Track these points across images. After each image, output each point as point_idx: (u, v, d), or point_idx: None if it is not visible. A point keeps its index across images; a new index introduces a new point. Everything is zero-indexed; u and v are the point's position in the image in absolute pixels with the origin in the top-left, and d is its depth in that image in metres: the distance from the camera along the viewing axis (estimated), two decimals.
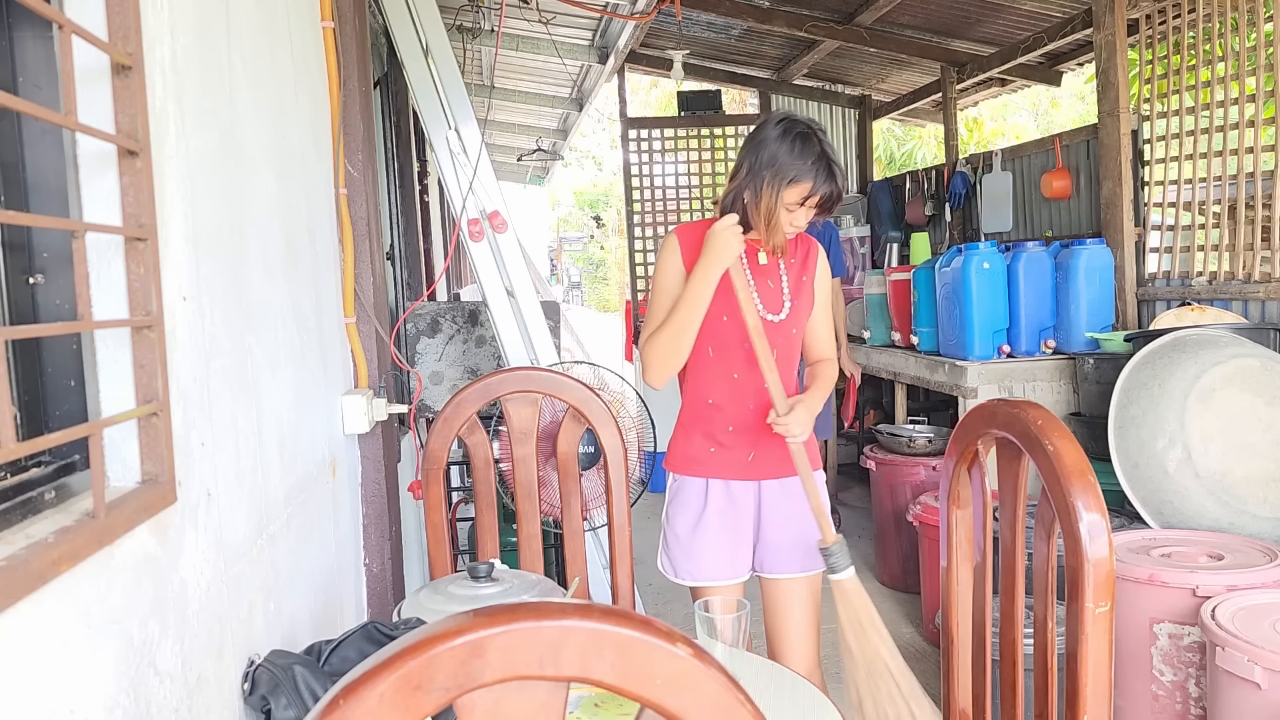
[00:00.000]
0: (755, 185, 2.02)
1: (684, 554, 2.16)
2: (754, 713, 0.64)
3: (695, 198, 7.06)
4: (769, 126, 2.04)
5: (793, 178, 1.98)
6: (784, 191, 1.99)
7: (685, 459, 2.18)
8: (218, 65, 1.38)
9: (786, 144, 1.99)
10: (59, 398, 1.04)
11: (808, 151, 1.99)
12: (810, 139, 2.00)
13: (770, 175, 2.00)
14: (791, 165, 1.98)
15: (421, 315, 3.16)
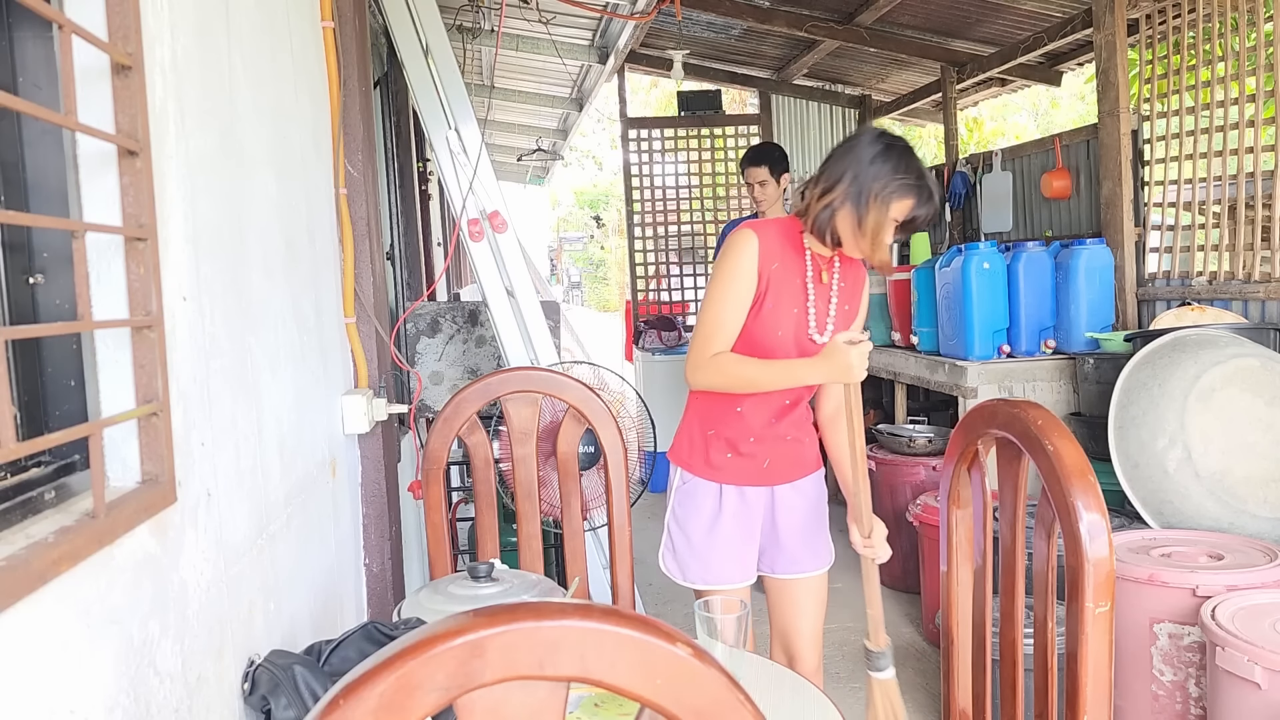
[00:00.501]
0: (859, 201, 1.92)
1: (695, 558, 2.13)
2: (754, 713, 0.64)
3: (695, 198, 7.06)
4: (867, 142, 1.96)
5: (900, 195, 1.91)
6: (895, 205, 1.91)
7: (701, 462, 2.13)
8: (218, 65, 1.38)
9: (893, 160, 1.92)
10: (59, 398, 1.04)
11: (912, 169, 1.92)
12: (913, 157, 1.95)
13: (878, 191, 1.91)
14: (896, 181, 1.90)
15: (421, 315, 3.16)
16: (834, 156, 1.99)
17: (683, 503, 2.16)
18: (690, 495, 2.14)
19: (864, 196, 1.92)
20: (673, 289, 7.09)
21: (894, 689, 1.98)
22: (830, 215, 1.96)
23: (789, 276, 2.02)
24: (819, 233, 1.99)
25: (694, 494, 2.14)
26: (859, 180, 1.92)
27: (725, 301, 2.00)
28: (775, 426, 2.11)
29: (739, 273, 1.99)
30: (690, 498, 2.14)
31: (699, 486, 2.13)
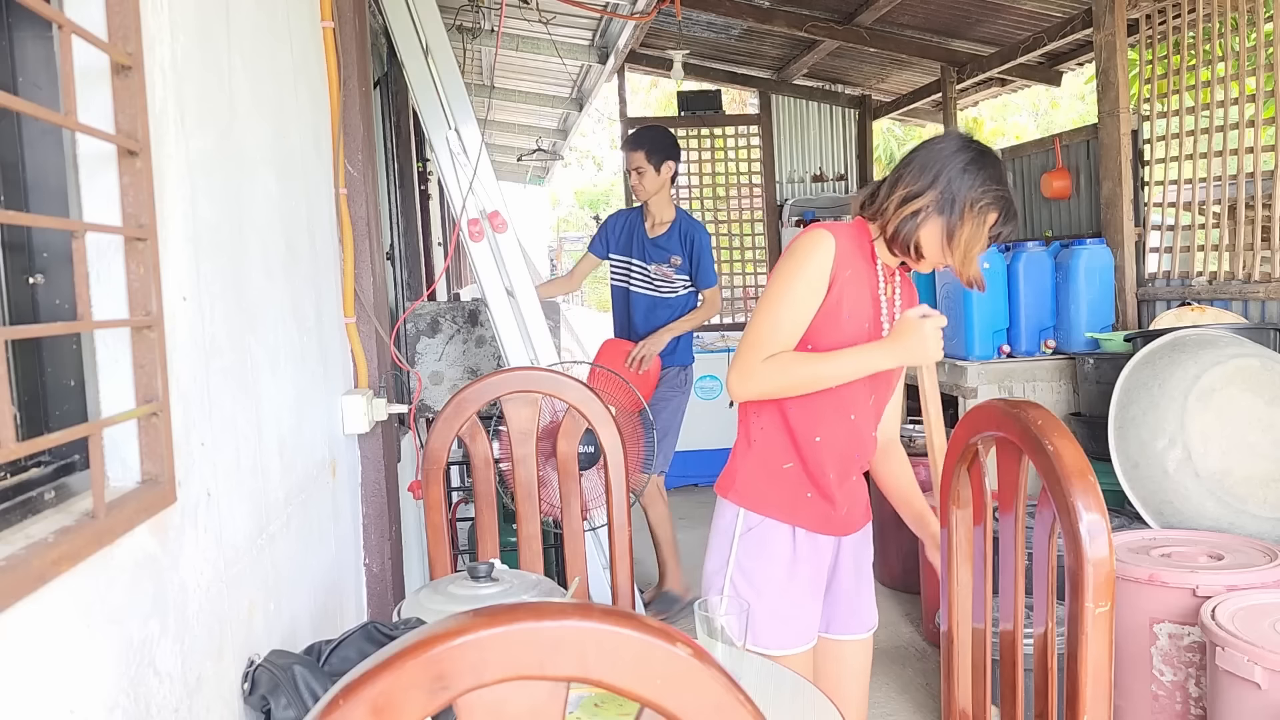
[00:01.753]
0: (951, 212, 1.76)
1: (770, 615, 1.82)
2: (754, 713, 0.64)
3: (695, 198, 7.06)
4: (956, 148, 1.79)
5: (993, 207, 1.77)
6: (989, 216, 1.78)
7: (772, 498, 1.85)
8: (218, 65, 1.38)
9: (987, 170, 1.77)
10: (59, 398, 1.04)
11: (1004, 181, 1.79)
12: (1002, 167, 1.81)
13: (974, 201, 1.76)
14: (992, 193, 1.76)
15: (421, 315, 3.16)
16: (915, 160, 1.82)
17: (752, 551, 1.86)
18: (761, 541, 1.85)
19: (957, 207, 1.76)
20: None
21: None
22: (915, 225, 1.79)
23: (860, 287, 1.84)
24: (901, 242, 1.82)
25: (765, 540, 1.85)
26: (951, 189, 1.76)
27: (788, 304, 1.78)
28: (856, 463, 1.88)
29: (809, 275, 1.78)
30: (757, 544, 1.86)
31: (769, 528, 1.85)
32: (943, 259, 1.82)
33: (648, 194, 3.81)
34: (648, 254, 3.88)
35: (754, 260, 7.11)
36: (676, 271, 3.84)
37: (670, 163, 3.79)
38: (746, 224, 7.10)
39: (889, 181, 1.84)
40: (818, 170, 7.13)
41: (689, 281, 3.86)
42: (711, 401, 6.12)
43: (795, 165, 7.11)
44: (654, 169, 3.76)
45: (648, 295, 3.87)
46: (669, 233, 3.84)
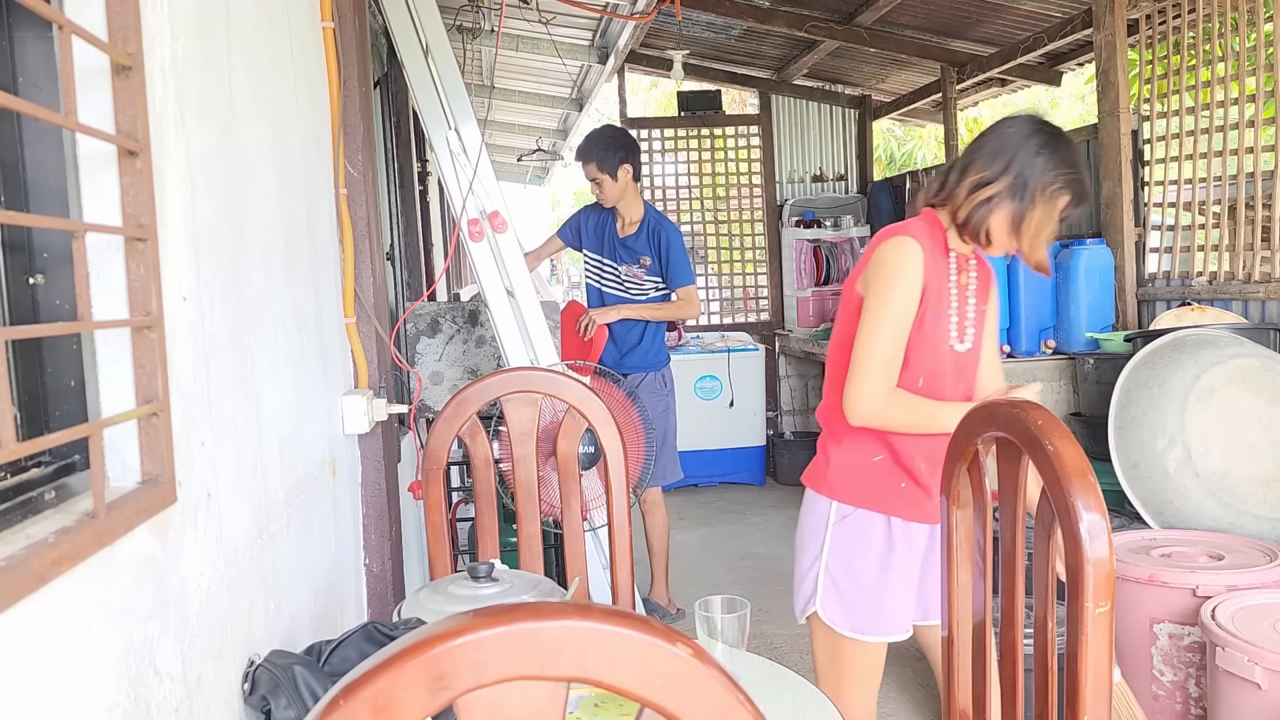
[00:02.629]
0: (1022, 197, 1.74)
1: (869, 604, 1.86)
2: (754, 713, 0.64)
3: (695, 198, 7.06)
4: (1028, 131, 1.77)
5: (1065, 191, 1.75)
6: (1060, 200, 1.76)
7: (865, 489, 1.87)
8: (218, 65, 1.38)
9: (1060, 152, 1.75)
10: (59, 398, 1.04)
11: (1077, 163, 1.77)
12: (1075, 149, 1.79)
13: (1045, 185, 1.74)
14: (1064, 177, 1.74)
15: (421, 315, 3.16)
16: (986, 145, 1.80)
17: (843, 540, 1.87)
18: (855, 531, 1.87)
19: (1029, 192, 1.74)
20: None
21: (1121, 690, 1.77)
22: (987, 212, 1.77)
23: (940, 282, 1.83)
24: (972, 230, 1.80)
25: (860, 529, 1.87)
26: (1023, 174, 1.74)
27: (894, 323, 1.77)
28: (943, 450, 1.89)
29: (908, 288, 1.77)
30: (855, 533, 1.87)
31: (864, 519, 1.87)
32: (1012, 244, 1.80)
33: (613, 201, 3.76)
34: (618, 254, 3.82)
35: (754, 260, 7.11)
36: (647, 273, 3.77)
37: (626, 165, 3.69)
38: (746, 224, 7.10)
39: (958, 168, 1.82)
40: (818, 170, 7.13)
41: (661, 283, 3.78)
42: (711, 401, 6.12)
43: (795, 165, 7.11)
44: (609, 177, 3.68)
45: (618, 296, 3.82)
46: (638, 233, 3.78)
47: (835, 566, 1.88)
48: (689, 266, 3.82)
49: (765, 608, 3.97)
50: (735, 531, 5.25)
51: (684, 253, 3.80)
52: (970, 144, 1.85)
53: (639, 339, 3.79)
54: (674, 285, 3.77)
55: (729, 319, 7.15)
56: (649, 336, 3.82)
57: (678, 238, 3.79)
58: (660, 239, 3.75)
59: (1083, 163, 1.80)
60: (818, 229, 6.73)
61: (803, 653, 3.53)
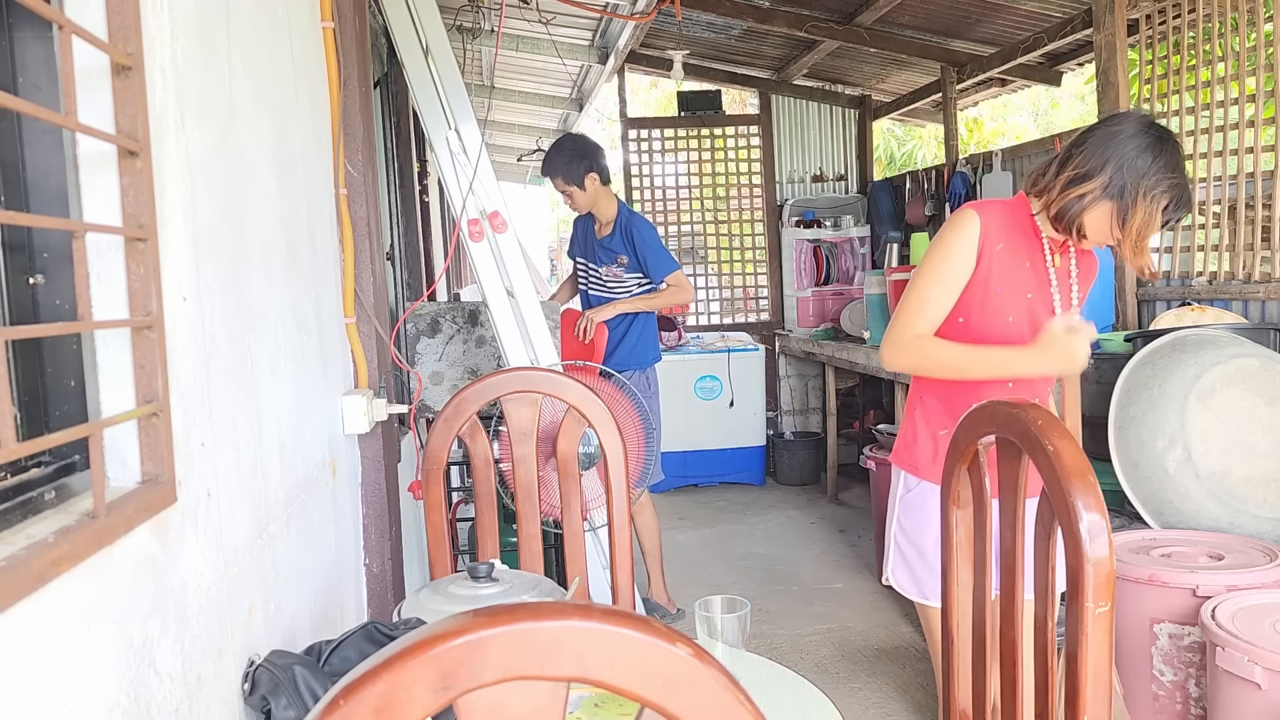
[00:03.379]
0: (1122, 196, 1.76)
1: (930, 572, 1.94)
2: (754, 713, 0.64)
3: (695, 198, 7.06)
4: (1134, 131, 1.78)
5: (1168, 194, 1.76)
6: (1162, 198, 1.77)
7: (930, 462, 1.93)
8: (218, 65, 1.38)
9: (1165, 156, 1.76)
10: (59, 398, 1.04)
11: (1181, 168, 1.78)
12: (1180, 153, 1.80)
13: (1148, 189, 1.75)
14: (1168, 180, 1.75)
15: (421, 315, 3.16)
16: (1091, 141, 1.82)
17: (909, 511, 1.97)
18: (918, 503, 1.95)
19: (1130, 192, 1.76)
20: None
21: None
22: (1081, 207, 1.81)
23: (1017, 259, 1.88)
24: (1065, 223, 1.84)
25: (922, 502, 1.94)
26: (1123, 173, 1.76)
27: (936, 280, 1.86)
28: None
29: (955, 252, 1.85)
30: (917, 506, 1.95)
31: (927, 491, 1.94)
32: (1109, 241, 1.83)
33: (586, 208, 3.76)
34: (597, 256, 3.84)
35: (754, 260, 7.11)
36: (626, 271, 3.79)
37: (592, 173, 3.68)
38: (746, 224, 7.10)
39: (1059, 160, 1.86)
40: (818, 170, 7.13)
41: (643, 278, 3.79)
42: (711, 401, 6.12)
43: (795, 165, 7.11)
44: (577, 187, 3.68)
45: (602, 297, 3.84)
46: (613, 232, 3.79)
47: (901, 536, 1.99)
48: (668, 255, 3.82)
49: (765, 608, 3.97)
50: (735, 531, 5.25)
51: (659, 243, 3.81)
52: (1075, 138, 1.88)
53: (623, 336, 3.82)
54: (658, 276, 3.77)
55: (729, 319, 7.15)
56: (635, 334, 3.83)
57: (649, 229, 3.81)
58: (632, 235, 3.77)
59: (1184, 168, 1.80)
60: (818, 229, 6.73)
61: (803, 653, 3.53)
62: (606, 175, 3.78)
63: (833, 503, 5.73)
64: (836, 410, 5.80)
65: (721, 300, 7.18)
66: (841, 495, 5.82)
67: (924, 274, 1.89)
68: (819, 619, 3.86)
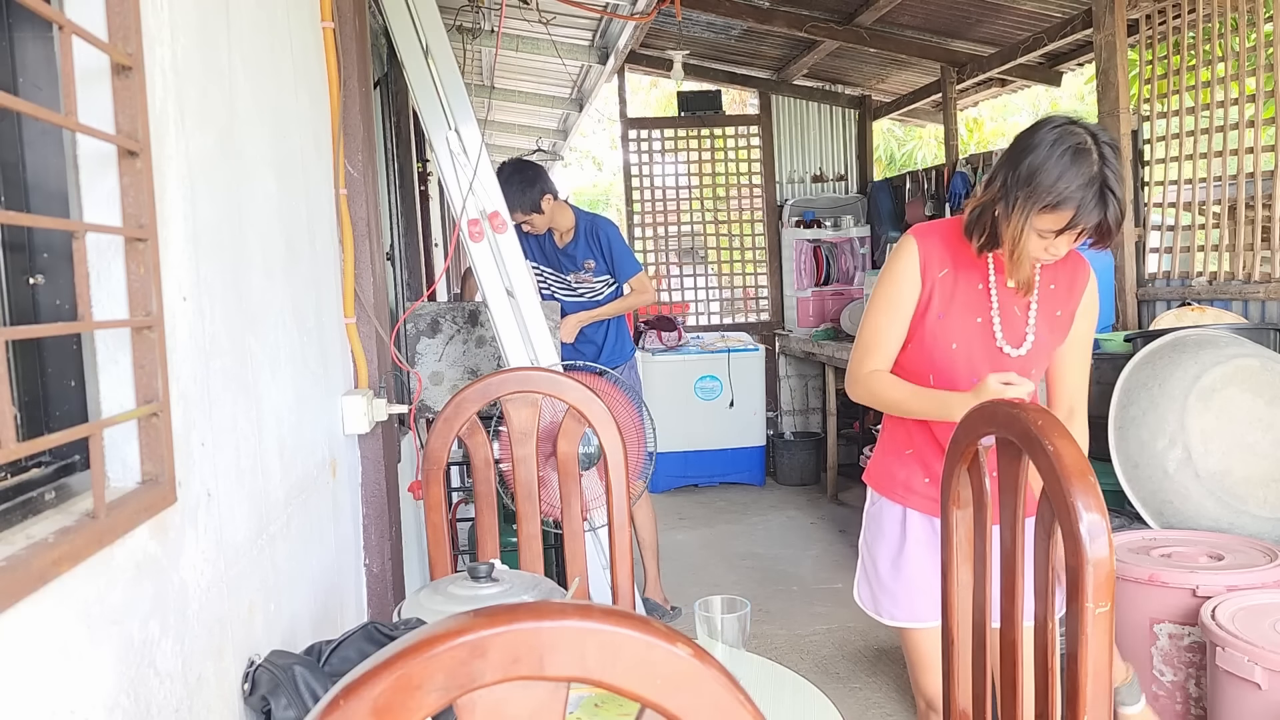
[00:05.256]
0: (1007, 203, 1.70)
1: (883, 590, 1.94)
2: (754, 713, 0.64)
3: (695, 198, 7.06)
4: (1040, 131, 1.70)
5: (1050, 202, 1.65)
6: (1036, 217, 1.67)
7: (890, 479, 1.93)
8: (218, 65, 1.38)
9: (1054, 158, 1.65)
10: (59, 398, 1.04)
11: (1077, 171, 1.64)
12: (1085, 156, 1.65)
13: (1025, 195, 1.67)
14: (1053, 187, 1.64)
15: (421, 315, 3.16)
16: (1009, 145, 1.76)
17: (869, 526, 1.97)
18: (876, 519, 1.95)
19: (1010, 199, 1.69)
20: (673, 289, 7.09)
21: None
22: (980, 213, 1.77)
23: (966, 282, 1.82)
24: (966, 234, 1.80)
25: (879, 517, 1.94)
26: (1011, 179, 1.70)
27: (884, 310, 1.84)
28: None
29: (896, 281, 1.82)
30: (876, 521, 1.95)
31: (885, 509, 1.94)
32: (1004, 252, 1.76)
33: (545, 228, 3.75)
34: (561, 264, 3.85)
35: (754, 260, 7.11)
36: (594, 275, 3.81)
37: (546, 196, 3.67)
38: (746, 224, 7.10)
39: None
40: (818, 170, 7.13)
41: (611, 279, 3.82)
42: (711, 402, 6.12)
43: (795, 165, 7.11)
44: (536, 213, 3.67)
45: (575, 304, 3.84)
46: (575, 239, 3.81)
47: (864, 551, 1.99)
48: (632, 256, 3.88)
49: (765, 608, 3.97)
50: (735, 531, 5.25)
51: (624, 244, 3.86)
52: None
53: (604, 339, 3.87)
54: (623, 278, 3.82)
55: (729, 319, 7.15)
56: (613, 333, 3.89)
57: (615, 231, 3.86)
58: (599, 238, 3.80)
59: (1101, 172, 1.64)
60: (818, 229, 6.73)
61: (803, 653, 3.53)
62: (555, 189, 3.79)
63: (833, 503, 5.73)
64: (836, 410, 5.80)
65: (721, 300, 7.18)
66: (841, 495, 5.82)
67: (872, 306, 1.87)
68: (819, 619, 3.86)
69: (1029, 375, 1.84)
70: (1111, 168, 1.66)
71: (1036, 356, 1.85)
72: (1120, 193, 1.67)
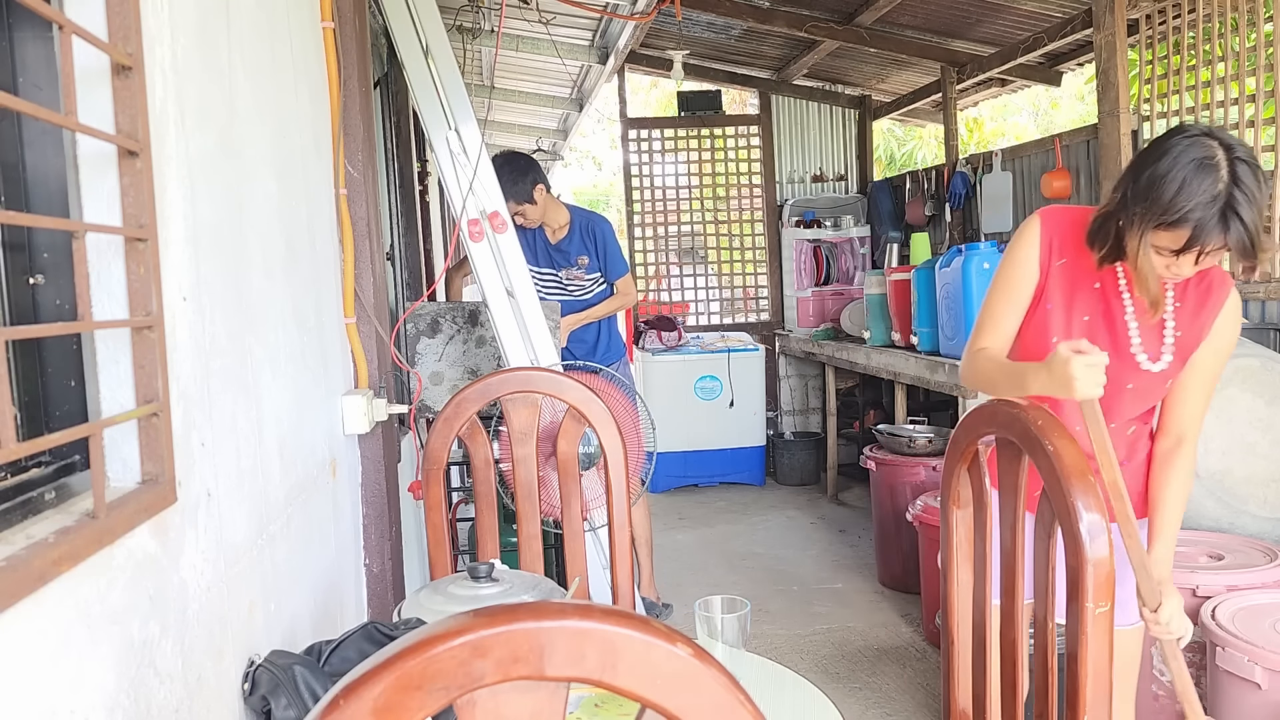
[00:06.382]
0: (1127, 216, 1.59)
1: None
2: (754, 713, 0.64)
3: (695, 198, 7.05)
4: (1170, 140, 1.57)
5: (1167, 221, 1.53)
6: (1152, 234, 1.56)
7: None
8: (218, 65, 1.38)
9: (1175, 171, 1.52)
10: (59, 398, 1.04)
11: (1199, 188, 1.51)
12: (1211, 171, 1.52)
13: (1143, 209, 1.55)
14: (1171, 203, 1.52)
15: (421, 315, 3.16)
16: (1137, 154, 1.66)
17: None
18: None
19: (1130, 213, 1.59)
20: (673, 289, 7.09)
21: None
22: (1102, 222, 1.66)
23: (1083, 278, 1.73)
24: (1089, 244, 1.69)
25: None
26: (1133, 192, 1.58)
27: (998, 291, 1.78)
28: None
29: (1013, 261, 1.75)
30: None
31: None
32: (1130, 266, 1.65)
33: (539, 221, 3.75)
34: (554, 261, 3.85)
35: (754, 260, 7.11)
36: (587, 272, 3.82)
37: (539, 184, 3.68)
38: (746, 224, 7.10)
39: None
40: (818, 170, 7.13)
41: (602, 278, 3.83)
42: (711, 402, 6.12)
43: (795, 165, 7.11)
44: (529, 203, 3.67)
45: (566, 302, 3.83)
46: (569, 235, 3.81)
47: None
48: (623, 257, 3.89)
49: (765, 608, 3.97)
50: (735, 531, 5.25)
51: (617, 244, 3.88)
52: None
53: (596, 339, 3.87)
54: (611, 277, 3.83)
55: (729, 319, 7.15)
56: (604, 335, 3.90)
57: (609, 229, 3.87)
58: (595, 234, 3.81)
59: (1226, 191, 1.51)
60: (818, 229, 6.73)
61: (803, 653, 3.53)
62: (548, 182, 3.80)
63: (833, 503, 5.73)
64: (836, 410, 5.80)
65: (721, 300, 7.18)
66: (841, 495, 5.82)
67: (991, 285, 1.81)
68: (819, 619, 3.86)
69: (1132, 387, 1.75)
70: (1244, 187, 1.51)
71: (1169, 375, 1.75)
72: (1249, 215, 1.51)
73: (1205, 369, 1.76)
